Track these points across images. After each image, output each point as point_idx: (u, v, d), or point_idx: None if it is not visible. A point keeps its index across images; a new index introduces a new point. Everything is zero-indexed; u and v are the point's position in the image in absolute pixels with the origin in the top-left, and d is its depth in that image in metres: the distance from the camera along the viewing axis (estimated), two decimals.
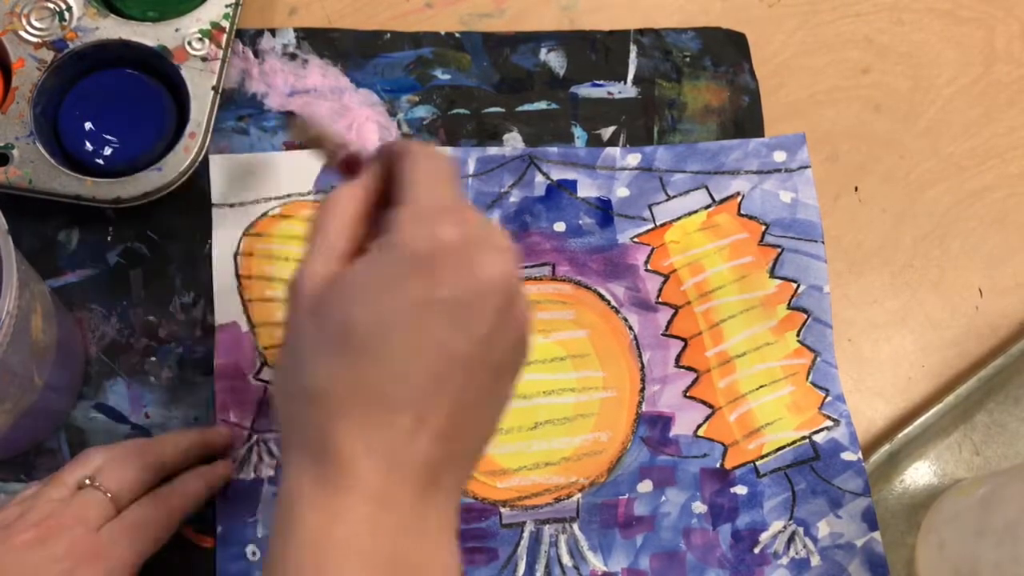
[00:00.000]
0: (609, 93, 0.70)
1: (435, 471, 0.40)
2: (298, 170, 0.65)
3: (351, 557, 0.39)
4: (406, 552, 0.40)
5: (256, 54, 0.68)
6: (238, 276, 0.63)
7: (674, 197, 0.67)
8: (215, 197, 0.64)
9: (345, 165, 0.49)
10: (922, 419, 0.64)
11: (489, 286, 0.40)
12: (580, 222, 0.66)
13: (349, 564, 0.39)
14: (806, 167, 0.68)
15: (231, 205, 0.64)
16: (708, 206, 0.67)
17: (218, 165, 0.65)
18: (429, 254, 0.39)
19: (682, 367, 0.64)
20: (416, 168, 0.43)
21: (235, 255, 0.63)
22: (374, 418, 0.39)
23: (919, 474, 0.65)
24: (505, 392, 0.43)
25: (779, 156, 0.68)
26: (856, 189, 0.70)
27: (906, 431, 0.64)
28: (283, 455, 0.41)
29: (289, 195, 0.65)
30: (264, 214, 0.64)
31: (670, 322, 0.65)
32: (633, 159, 0.68)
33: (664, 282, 0.65)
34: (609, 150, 0.68)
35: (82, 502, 0.52)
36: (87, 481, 0.53)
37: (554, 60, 0.70)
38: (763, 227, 0.67)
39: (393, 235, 0.40)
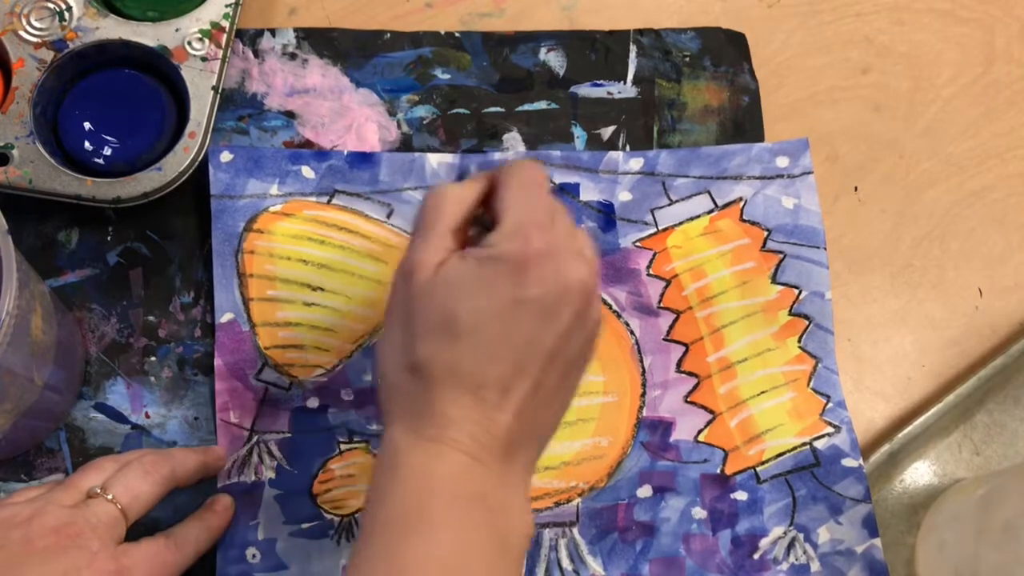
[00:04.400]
0: (609, 93, 0.70)
1: (512, 443, 0.47)
2: (299, 167, 0.65)
3: (447, 488, 0.46)
4: (491, 496, 0.47)
5: (256, 54, 0.68)
6: (239, 274, 0.63)
7: (676, 202, 0.67)
8: (214, 189, 0.64)
9: None
10: (922, 419, 0.64)
11: (571, 289, 0.47)
12: (582, 226, 0.66)
13: (444, 494, 0.46)
14: (809, 173, 0.68)
15: (231, 197, 0.64)
16: (710, 211, 0.67)
17: (218, 156, 0.64)
18: (522, 261, 0.46)
19: (683, 372, 0.64)
20: (511, 183, 0.50)
21: (236, 253, 0.63)
22: (468, 390, 0.47)
23: (919, 474, 0.65)
24: (573, 383, 0.51)
25: (782, 161, 0.68)
26: (856, 189, 0.70)
27: (906, 431, 0.64)
28: (385, 417, 0.49)
29: (290, 193, 0.65)
30: (265, 209, 0.64)
31: (671, 327, 0.65)
32: (636, 163, 0.67)
33: (666, 287, 0.65)
34: (612, 154, 0.67)
35: (95, 512, 0.52)
36: (98, 490, 0.53)
37: (554, 60, 0.70)
38: (765, 233, 0.67)
39: (494, 246, 0.47)
